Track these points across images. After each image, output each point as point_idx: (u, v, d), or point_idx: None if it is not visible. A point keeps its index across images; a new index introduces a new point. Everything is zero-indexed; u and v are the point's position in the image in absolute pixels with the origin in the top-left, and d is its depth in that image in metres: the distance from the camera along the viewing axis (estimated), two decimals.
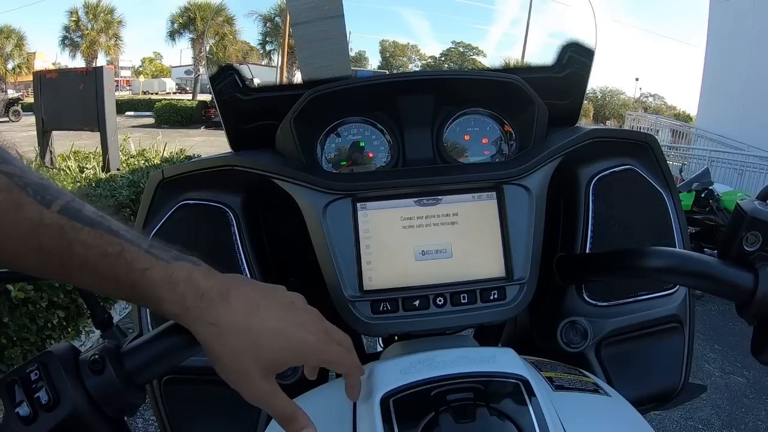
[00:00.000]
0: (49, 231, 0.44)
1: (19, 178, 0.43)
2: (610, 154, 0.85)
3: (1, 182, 0.43)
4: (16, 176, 0.43)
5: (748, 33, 10.82)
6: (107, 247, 0.46)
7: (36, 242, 0.44)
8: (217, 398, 0.78)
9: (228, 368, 0.50)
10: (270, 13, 1.17)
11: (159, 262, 0.47)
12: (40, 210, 0.43)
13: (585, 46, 0.86)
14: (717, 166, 9.08)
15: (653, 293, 0.83)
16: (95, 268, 0.46)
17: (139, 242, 0.48)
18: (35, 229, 0.43)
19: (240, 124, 0.86)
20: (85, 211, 0.46)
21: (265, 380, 0.50)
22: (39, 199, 0.44)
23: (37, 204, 0.43)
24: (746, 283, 0.57)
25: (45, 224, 0.44)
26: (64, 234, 0.44)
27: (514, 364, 0.59)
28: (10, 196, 0.43)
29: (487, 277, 0.74)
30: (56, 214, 0.44)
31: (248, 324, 0.49)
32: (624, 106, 41.23)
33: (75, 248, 0.45)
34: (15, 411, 0.44)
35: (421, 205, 0.75)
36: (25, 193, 0.43)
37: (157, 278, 0.47)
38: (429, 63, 1.35)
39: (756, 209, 0.59)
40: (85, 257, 0.45)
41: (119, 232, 0.47)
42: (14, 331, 2.65)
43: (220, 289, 0.49)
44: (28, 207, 0.43)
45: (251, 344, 0.49)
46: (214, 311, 0.48)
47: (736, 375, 3.42)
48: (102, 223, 0.46)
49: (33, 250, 0.44)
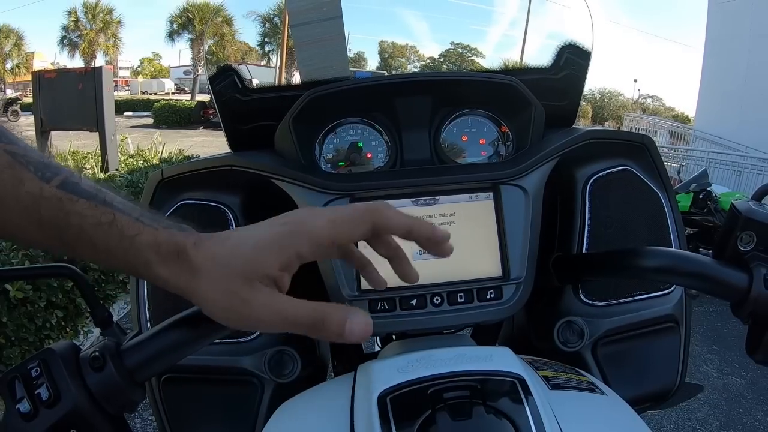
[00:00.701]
0: (48, 203, 0.46)
1: (22, 156, 0.46)
2: (606, 154, 0.86)
3: (4, 160, 0.45)
4: (19, 155, 0.46)
5: (746, 35, 10.85)
6: (100, 217, 0.47)
7: (36, 215, 0.46)
8: (216, 397, 0.79)
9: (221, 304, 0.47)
10: (269, 13, 1.18)
11: (146, 227, 0.48)
12: (40, 185, 0.46)
13: (582, 48, 0.86)
14: (715, 167, 9.10)
15: (649, 293, 0.84)
16: (90, 238, 0.47)
17: (130, 211, 0.49)
18: (35, 202, 0.45)
19: (239, 124, 0.87)
20: (82, 184, 0.48)
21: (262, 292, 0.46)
22: (39, 175, 0.46)
23: (38, 179, 0.46)
24: (741, 282, 0.58)
25: (44, 197, 0.46)
26: (62, 206, 0.46)
27: (510, 362, 0.60)
28: (13, 172, 0.45)
29: (483, 276, 0.74)
30: (55, 188, 0.46)
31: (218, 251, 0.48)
32: (622, 108, 41.25)
33: (71, 219, 0.46)
34: (16, 407, 0.45)
35: (418, 205, 0.75)
36: (26, 169, 0.46)
37: (145, 243, 0.48)
38: (427, 64, 1.35)
39: (750, 209, 0.59)
40: (80, 228, 0.47)
41: (113, 203, 0.48)
42: (13, 330, 2.65)
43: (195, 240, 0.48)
44: (29, 182, 0.45)
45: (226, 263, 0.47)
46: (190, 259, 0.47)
47: (733, 376, 3.43)
48: (97, 195, 0.48)
49: (34, 222, 0.46)
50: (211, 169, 0.79)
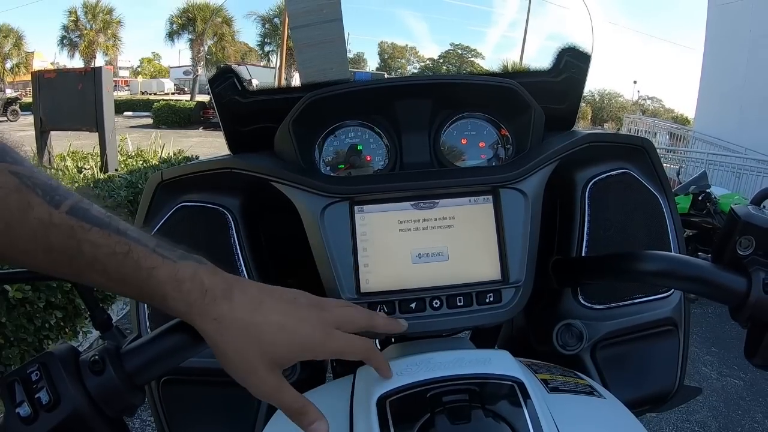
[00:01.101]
0: (58, 231, 0.45)
1: (28, 178, 0.45)
2: (606, 157, 0.86)
3: (11, 183, 0.44)
4: (26, 177, 0.45)
5: (745, 36, 10.85)
6: (115, 247, 0.47)
7: (46, 242, 0.45)
8: (215, 399, 0.79)
9: (234, 364, 0.50)
10: (269, 14, 1.18)
11: (165, 261, 0.48)
12: (49, 210, 0.45)
13: (582, 51, 0.86)
14: (714, 169, 9.10)
15: (648, 296, 0.84)
16: (104, 267, 0.47)
17: (146, 242, 0.49)
18: (45, 228, 0.44)
19: (238, 126, 0.87)
20: (92, 211, 0.47)
21: (272, 375, 0.51)
22: (48, 200, 0.45)
23: (46, 204, 0.45)
24: (739, 286, 0.58)
25: (54, 224, 0.45)
26: (73, 234, 0.45)
27: (509, 366, 0.60)
28: (20, 196, 0.44)
29: (483, 279, 0.74)
30: (65, 214, 0.45)
31: (251, 319, 0.50)
32: (622, 109, 41.26)
33: (84, 248, 0.46)
34: (15, 411, 0.45)
35: (418, 208, 0.75)
36: (34, 193, 0.44)
37: (163, 276, 0.48)
38: (427, 65, 1.35)
39: (749, 214, 0.60)
40: (93, 257, 0.46)
41: (127, 232, 0.48)
42: (12, 331, 2.65)
43: (224, 287, 0.50)
44: (38, 207, 0.44)
45: (255, 339, 0.50)
46: (218, 307, 0.49)
47: (732, 377, 3.43)
48: (110, 223, 0.48)
49: (43, 249, 0.45)
50: (211, 171, 0.79)
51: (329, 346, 0.53)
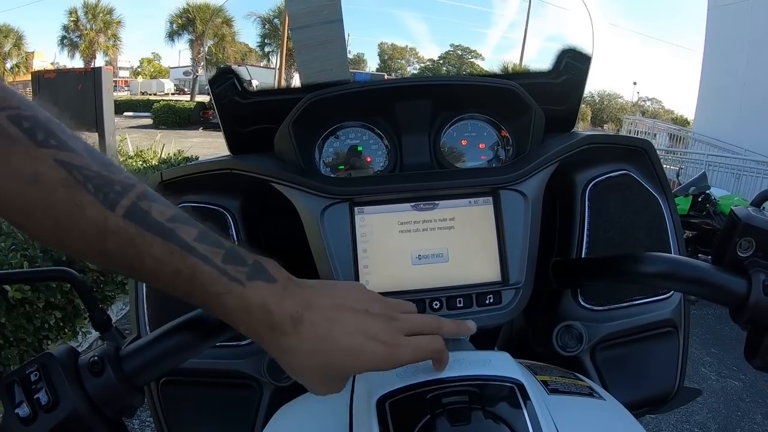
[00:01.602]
0: (115, 238, 0.41)
1: (79, 169, 0.40)
2: (606, 159, 0.86)
3: (57, 175, 0.39)
4: (76, 168, 0.40)
5: (745, 38, 10.86)
6: (179, 265, 0.43)
7: (101, 246, 0.41)
8: (214, 400, 0.79)
9: (301, 380, 0.50)
10: (269, 15, 1.18)
11: (233, 285, 0.44)
12: (104, 212, 0.40)
13: (582, 53, 0.86)
14: (714, 170, 9.11)
15: (648, 298, 0.84)
16: (168, 282, 0.44)
17: (213, 257, 0.44)
18: (99, 234, 0.40)
19: (238, 127, 0.87)
20: (153, 213, 0.43)
21: (338, 385, 0.51)
22: (101, 198, 0.40)
23: (100, 204, 0.40)
24: (739, 288, 0.58)
25: (110, 230, 0.40)
26: (133, 244, 0.41)
27: (509, 367, 0.60)
28: (69, 193, 0.39)
29: (483, 281, 0.74)
30: (122, 219, 0.41)
31: (320, 347, 0.48)
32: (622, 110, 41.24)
33: (145, 260, 0.42)
34: (15, 411, 0.45)
35: (418, 209, 0.75)
36: (85, 190, 0.40)
37: (232, 305, 0.45)
38: (427, 66, 1.35)
39: (750, 215, 0.59)
40: (156, 271, 0.43)
41: (191, 245, 0.44)
42: (11, 331, 2.64)
43: (293, 315, 0.47)
44: (90, 207, 0.40)
45: (324, 363, 0.48)
46: (287, 341, 0.47)
47: (732, 379, 3.43)
48: (173, 233, 0.43)
49: (98, 253, 0.41)
50: (211, 172, 0.79)
51: (398, 359, 0.51)
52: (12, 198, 0.39)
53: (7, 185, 0.39)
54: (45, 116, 0.42)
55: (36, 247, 2.85)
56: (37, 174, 0.39)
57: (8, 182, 0.39)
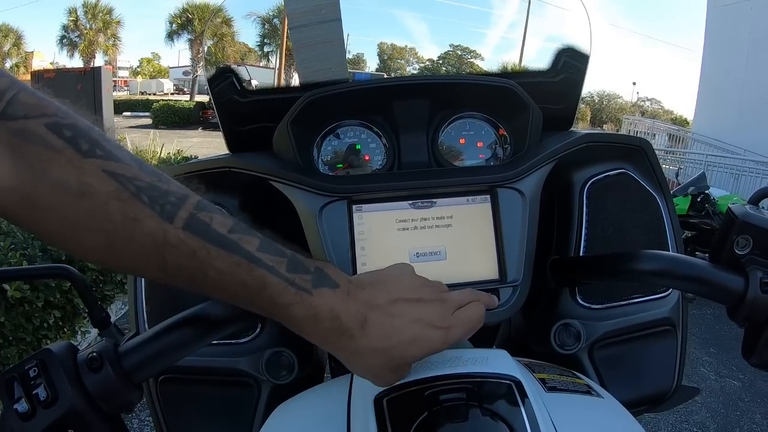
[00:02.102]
0: (176, 251, 0.39)
1: (130, 180, 0.38)
2: (604, 158, 0.86)
3: (107, 187, 0.37)
4: (126, 178, 0.38)
5: (745, 38, 10.88)
6: (246, 277, 0.42)
7: (160, 260, 0.39)
8: (213, 398, 0.79)
9: (365, 375, 0.52)
10: (268, 14, 1.18)
11: (302, 295, 0.45)
12: (162, 226, 0.39)
13: (580, 51, 0.86)
14: (713, 170, 9.13)
15: (646, 296, 0.84)
16: (233, 294, 0.43)
17: (279, 267, 0.44)
18: (158, 247, 0.39)
19: (237, 126, 0.87)
20: (214, 225, 0.41)
21: (393, 373, 0.52)
22: (158, 210, 0.39)
23: (158, 217, 0.39)
24: (737, 286, 0.58)
25: (170, 244, 0.39)
26: (195, 257, 0.40)
27: (507, 365, 0.60)
28: (123, 206, 0.37)
29: (480, 279, 0.75)
30: (182, 231, 0.39)
31: (385, 345, 0.49)
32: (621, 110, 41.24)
33: (209, 273, 0.41)
34: (13, 407, 0.45)
35: (416, 207, 0.75)
36: (140, 202, 0.38)
37: (300, 314, 0.45)
38: (426, 66, 1.35)
39: (747, 213, 0.60)
40: (220, 282, 0.42)
41: (256, 256, 0.43)
42: (10, 330, 2.64)
43: (359, 318, 0.48)
44: (147, 221, 0.38)
45: (388, 358, 0.50)
46: (356, 343, 0.48)
47: (731, 378, 3.43)
48: (237, 245, 0.42)
49: (156, 267, 0.40)
50: (210, 171, 0.79)
51: (452, 339, 0.53)
52: (57, 212, 0.37)
53: (50, 198, 0.37)
54: (86, 124, 0.40)
55: (35, 246, 2.85)
56: (86, 186, 0.37)
57: (52, 194, 0.37)
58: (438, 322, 0.52)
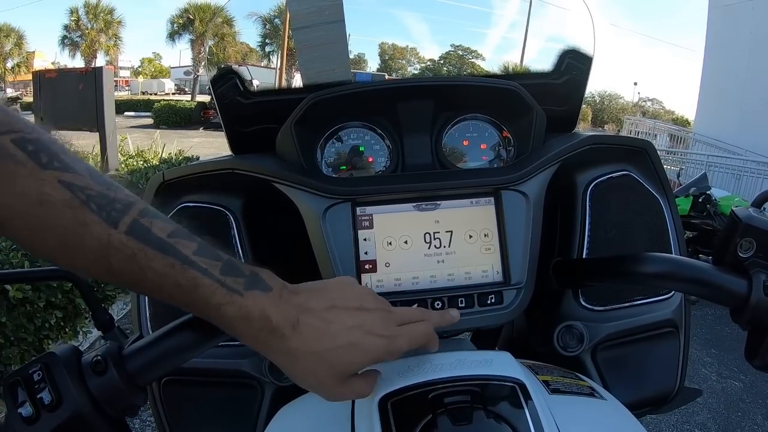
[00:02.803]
0: (119, 255, 0.43)
1: (81, 189, 0.42)
2: (607, 159, 0.86)
3: (61, 196, 0.41)
4: (78, 188, 0.42)
5: (746, 38, 10.86)
6: (179, 278, 0.45)
7: (106, 263, 0.43)
8: (216, 400, 0.79)
9: (304, 383, 0.52)
10: (270, 14, 1.18)
11: (232, 296, 0.47)
12: (107, 231, 0.42)
13: (583, 53, 0.86)
14: (715, 170, 9.12)
15: (649, 298, 0.84)
16: (170, 295, 0.46)
17: (212, 270, 0.46)
18: (104, 250, 0.42)
19: (240, 127, 0.87)
20: (154, 229, 0.44)
21: (342, 384, 0.52)
22: (104, 217, 0.42)
23: (104, 223, 0.42)
24: (740, 288, 0.58)
25: (114, 247, 0.42)
26: (135, 260, 0.43)
27: (510, 367, 0.60)
28: (74, 213, 0.41)
29: (484, 281, 0.74)
30: (124, 235, 0.43)
31: (321, 347, 0.49)
32: (622, 111, 41.21)
33: (147, 274, 0.44)
34: (17, 411, 0.45)
35: (419, 210, 0.75)
36: (88, 209, 0.42)
37: (232, 314, 0.47)
38: (428, 66, 1.35)
39: (750, 216, 0.60)
40: (159, 285, 0.45)
41: (191, 259, 0.45)
42: (12, 330, 2.65)
43: (291, 320, 0.49)
44: (94, 226, 0.42)
45: (326, 363, 0.50)
46: (287, 343, 0.49)
47: (732, 379, 3.43)
48: (173, 247, 0.45)
49: (104, 269, 0.43)
50: (213, 172, 0.79)
51: (396, 350, 0.53)
52: (20, 218, 0.41)
53: (14, 206, 0.41)
54: (48, 138, 0.44)
55: None
56: (43, 195, 0.41)
57: (16, 203, 0.41)
58: (379, 330, 0.52)
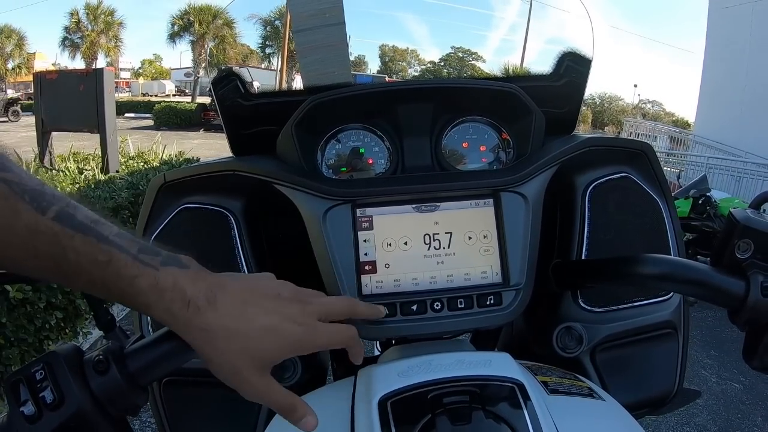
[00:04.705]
0: (44, 237, 0.45)
1: (17, 184, 0.44)
2: (606, 161, 0.86)
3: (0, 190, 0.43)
4: (15, 183, 0.44)
5: (746, 40, 10.87)
6: (97, 255, 0.46)
7: (32, 248, 0.45)
8: (216, 400, 0.79)
9: (222, 369, 0.51)
10: (270, 16, 1.18)
11: (146, 269, 0.48)
12: (36, 217, 0.44)
13: (582, 56, 0.87)
14: (715, 172, 9.11)
15: (648, 299, 0.84)
16: (88, 274, 0.47)
17: (129, 248, 0.48)
18: (31, 235, 0.44)
19: (241, 129, 0.87)
20: (78, 216, 0.47)
21: (261, 376, 0.51)
22: (35, 206, 0.45)
23: (33, 210, 0.44)
24: (738, 290, 0.58)
25: (40, 231, 0.44)
26: (58, 240, 0.45)
27: (509, 368, 0.60)
28: (8, 203, 0.44)
29: (483, 282, 0.75)
30: (50, 220, 0.45)
31: (237, 326, 0.50)
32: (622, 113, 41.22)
33: (68, 255, 0.46)
34: (20, 410, 0.45)
35: (419, 211, 0.76)
36: (22, 200, 0.44)
37: (144, 286, 0.48)
38: (428, 68, 1.36)
39: (748, 218, 0.60)
40: (78, 264, 0.46)
41: (109, 238, 0.47)
42: (12, 331, 2.65)
43: (207, 294, 0.50)
44: (26, 214, 0.44)
45: (242, 345, 0.50)
46: (202, 317, 0.49)
47: (732, 381, 3.43)
48: (94, 229, 0.47)
49: (30, 255, 0.45)
50: (214, 174, 0.79)
51: (315, 341, 0.54)
52: None
53: None
54: None
55: None
56: None
57: None
58: (298, 319, 0.53)
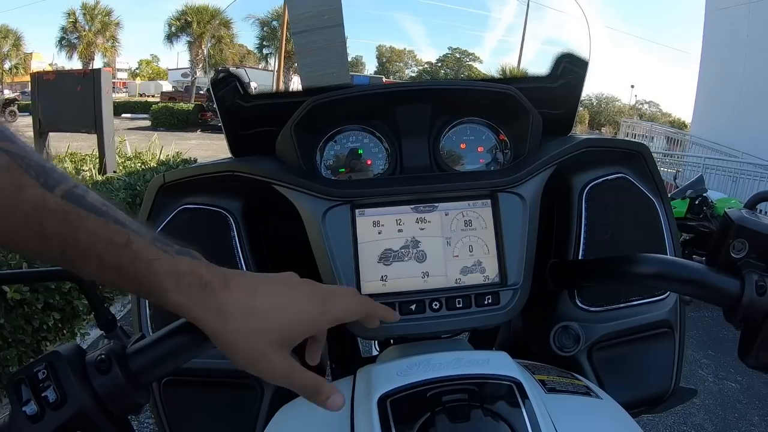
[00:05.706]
0: (53, 216, 0.43)
1: (21, 158, 0.42)
2: (602, 162, 0.87)
3: (3, 160, 0.41)
4: (18, 156, 0.42)
5: (743, 41, 10.91)
6: (113, 236, 0.45)
7: (37, 227, 0.43)
8: (216, 400, 0.79)
9: (241, 352, 0.50)
10: (267, 17, 1.18)
11: (164, 254, 0.48)
12: (43, 193, 0.42)
13: (579, 57, 0.87)
14: (711, 173, 9.14)
15: (644, 299, 0.85)
16: (100, 257, 0.45)
17: (145, 233, 0.48)
18: (37, 212, 0.42)
19: (240, 130, 0.88)
20: (89, 198, 0.46)
21: (282, 356, 0.51)
22: (42, 182, 0.43)
23: (40, 187, 0.42)
24: (733, 289, 0.59)
25: (48, 209, 0.43)
26: (69, 221, 0.43)
27: (507, 366, 0.61)
28: (11, 175, 0.41)
29: (481, 282, 0.75)
30: (60, 198, 0.43)
31: (252, 304, 0.50)
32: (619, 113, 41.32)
33: (80, 235, 0.44)
34: (22, 409, 0.45)
35: (417, 212, 0.76)
36: (27, 174, 0.42)
37: (163, 269, 0.47)
38: (425, 69, 1.36)
39: (743, 218, 0.61)
40: (90, 245, 0.45)
41: (125, 222, 0.47)
42: (10, 332, 2.65)
43: (221, 279, 0.50)
44: (30, 189, 0.42)
45: (259, 323, 0.50)
46: (218, 298, 0.49)
47: (729, 380, 3.44)
48: (107, 211, 0.46)
49: (34, 234, 0.43)
50: (213, 174, 0.79)
51: (329, 314, 0.55)
52: None
53: None
54: None
55: None
56: None
57: None
58: (311, 295, 0.54)
